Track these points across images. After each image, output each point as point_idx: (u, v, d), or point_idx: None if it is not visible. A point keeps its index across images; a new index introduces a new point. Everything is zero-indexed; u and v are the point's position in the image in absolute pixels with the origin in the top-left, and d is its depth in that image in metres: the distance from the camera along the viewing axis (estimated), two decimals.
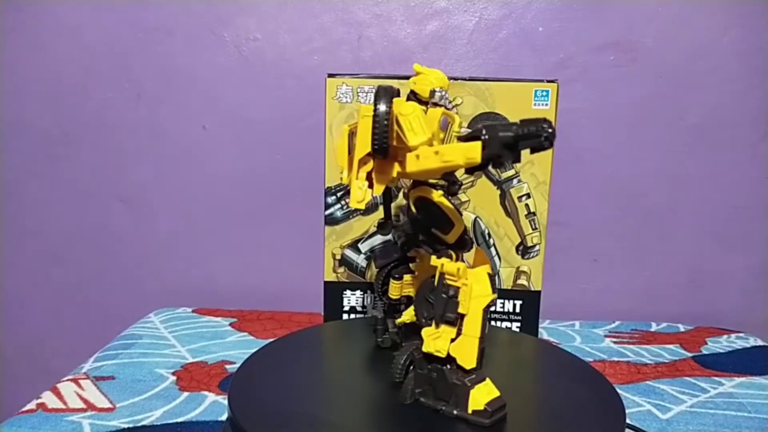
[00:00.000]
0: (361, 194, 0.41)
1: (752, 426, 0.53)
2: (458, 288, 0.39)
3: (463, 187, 0.62)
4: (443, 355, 0.40)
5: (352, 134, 0.43)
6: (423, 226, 0.43)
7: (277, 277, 0.86)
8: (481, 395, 0.40)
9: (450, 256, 0.41)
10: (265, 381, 0.46)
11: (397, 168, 0.42)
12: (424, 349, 0.41)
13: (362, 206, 0.41)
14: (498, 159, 0.35)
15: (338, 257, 0.63)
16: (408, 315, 0.49)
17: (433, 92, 0.42)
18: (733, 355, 0.70)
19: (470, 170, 0.38)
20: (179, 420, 0.52)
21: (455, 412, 0.40)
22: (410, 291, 0.50)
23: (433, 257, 0.41)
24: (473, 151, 0.35)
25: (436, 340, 0.40)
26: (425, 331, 0.41)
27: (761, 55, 0.77)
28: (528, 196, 0.61)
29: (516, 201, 0.62)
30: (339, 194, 0.62)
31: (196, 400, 0.56)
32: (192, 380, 0.60)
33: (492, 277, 0.40)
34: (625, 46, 0.78)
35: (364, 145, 0.41)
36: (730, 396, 0.59)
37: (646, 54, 0.78)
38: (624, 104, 0.79)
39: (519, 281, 0.63)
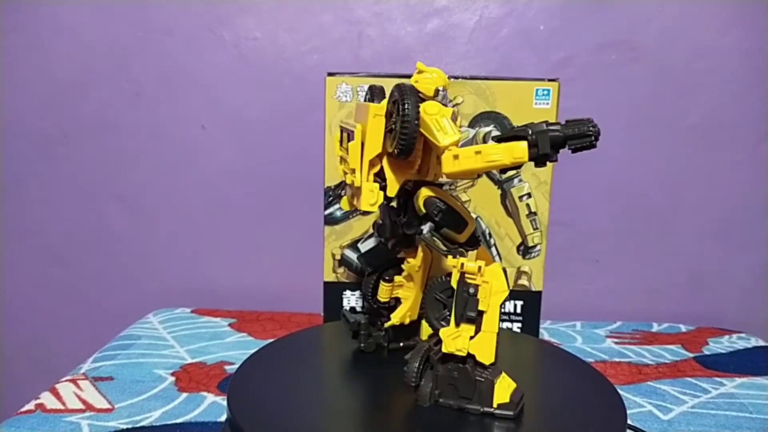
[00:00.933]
0: (373, 197, 0.41)
1: (753, 427, 0.53)
2: (478, 286, 0.40)
3: (463, 186, 0.61)
4: (464, 353, 0.41)
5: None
6: (436, 226, 0.43)
7: (276, 277, 0.86)
8: (503, 388, 0.41)
9: (464, 255, 0.41)
10: (264, 382, 0.46)
11: (412, 168, 0.42)
12: (445, 349, 0.41)
13: (375, 209, 0.41)
14: (545, 159, 0.36)
15: (338, 257, 0.63)
16: (397, 317, 0.49)
17: (437, 91, 0.42)
18: (734, 356, 0.70)
19: (503, 170, 0.39)
20: (178, 421, 0.52)
21: (482, 408, 0.41)
22: (399, 292, 0.49)
23: (449, 257, 0.41)
24: (520, 151, 0.36)
25: (456, 339, 0.41)
26: (444, 332, 0.41)
27: (761, 55, 0.77)
28: (529, 195, 0.61)
29: (517, 201, 0.61)
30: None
31: (195, 401, 0.56)
32: (191, 381, 0.60)
33: (506, 272, 0.41)
34: (627, 46, 0.78)
35: (375, 145, 0.40)
36: (732, 396, 0.59)
37: (647, 53, 0.78)
38: (625, 104, 0.79)
39: (520, 281, 0.63)
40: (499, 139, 0.38)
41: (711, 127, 0.79)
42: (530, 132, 0.36)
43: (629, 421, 0.47)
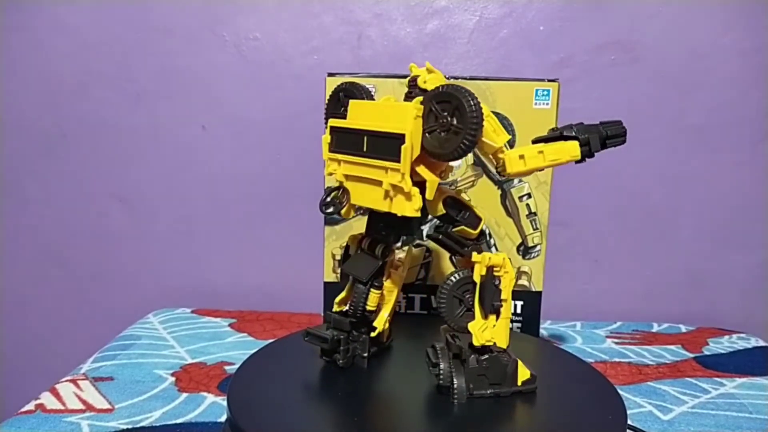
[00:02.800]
0: (418, 201, 0.41)
1: (753, 427, 0.53)
2: (500, 277, 0.42)
3: (463, 186, 0.61)
4: (492, 343, 0.43)
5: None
6: (454, 225, 0.45)
7: (277, 277, 0.86)
8: (521, 366, 0.44)
9: (479, 250, 0.43)
10: (264, 382, 0.46)
11: (439, 170, 0.42)
12: (476, 342, 0.42)
13: (419, 214, 0.41)
14: (591, 156, 0.42)
15: (338, 257, 0.63)
16: (381, 323, 0.48)
17: None
18: (734, 356, 0.70)
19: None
20: (178, 421, 0.52)
21: (511, 389, 0.43)
22: (382, 299, 0.49)
23: (474, 254, 0.43)
24: (576, 150, 0.41)
25: (485, 331, 0.42)
26: (473, 326, 0.42)
27: (761, 55, 0.77)
28: (529, 195, 0.61)
29: (517, 201, 0.61)
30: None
31: (195, 401, 0.56)
32: (191, 381, 0.60)
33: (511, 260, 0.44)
34: (626, 46, 0.78)
35: (416, 148, 0.40)
36: (732, 397, 0.59)
37: (646, 54, 0.78)
38: (624, 104, 0.79)
39: (520, 282, 0.63)
40: (545, 140, 0.41)
41: (711, 127, 0.79)
42: (581, 132, 0.41)
43: (629, 422, 0.47)
